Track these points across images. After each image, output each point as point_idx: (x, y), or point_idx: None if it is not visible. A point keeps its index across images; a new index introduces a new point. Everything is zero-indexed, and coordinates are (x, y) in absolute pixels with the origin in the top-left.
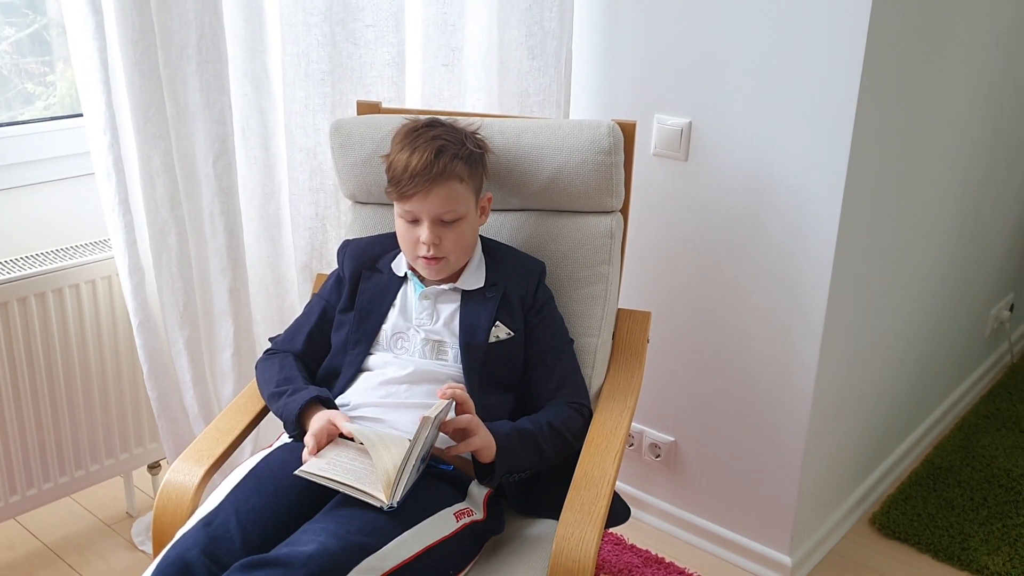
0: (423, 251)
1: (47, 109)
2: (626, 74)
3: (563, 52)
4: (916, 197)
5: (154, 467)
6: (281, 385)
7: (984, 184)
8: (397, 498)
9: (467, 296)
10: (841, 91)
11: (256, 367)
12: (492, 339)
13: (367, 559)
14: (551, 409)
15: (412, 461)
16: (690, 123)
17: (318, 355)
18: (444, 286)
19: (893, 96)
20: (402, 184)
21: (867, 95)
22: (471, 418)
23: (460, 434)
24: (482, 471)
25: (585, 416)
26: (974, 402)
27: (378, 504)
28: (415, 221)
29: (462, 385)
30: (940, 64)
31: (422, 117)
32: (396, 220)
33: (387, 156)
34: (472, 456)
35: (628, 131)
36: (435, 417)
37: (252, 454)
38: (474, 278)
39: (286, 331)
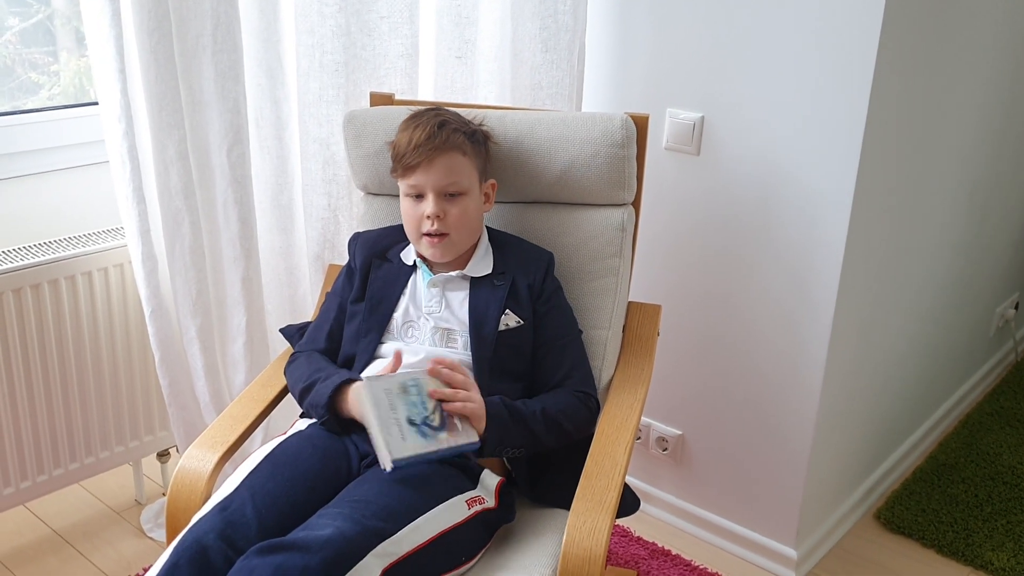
0: (427, 226)
1: (51, 99)
2: (639, 68)
3: (576, 45)
4: (924, 194)
5: (163, 455)
6: (314, 375)
7: (991, 182)
8: (388, 465)
9: (476, 284)
10: (853, 86)
11: (285, 372)
12: (502, 327)
13: (382, 544)
14: (551, 396)
15: (382, 424)
16: (702, 117)
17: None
18: (452, 273)
19: (904, 92)
20: (406, 157)
21: (879, 90)
22: (465, 379)
23: (459, 384)
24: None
25: (591, 407)
26: (979, 399)
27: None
28: (419, 196)
29: (449, 364)
30: (951, 62)
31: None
32: (402, 201)
33: (392, 142)
34: None
35: (641, 124)
36: (382, 379)
37: (263, 443)
38: (482, 264)
39: (307, 334)
